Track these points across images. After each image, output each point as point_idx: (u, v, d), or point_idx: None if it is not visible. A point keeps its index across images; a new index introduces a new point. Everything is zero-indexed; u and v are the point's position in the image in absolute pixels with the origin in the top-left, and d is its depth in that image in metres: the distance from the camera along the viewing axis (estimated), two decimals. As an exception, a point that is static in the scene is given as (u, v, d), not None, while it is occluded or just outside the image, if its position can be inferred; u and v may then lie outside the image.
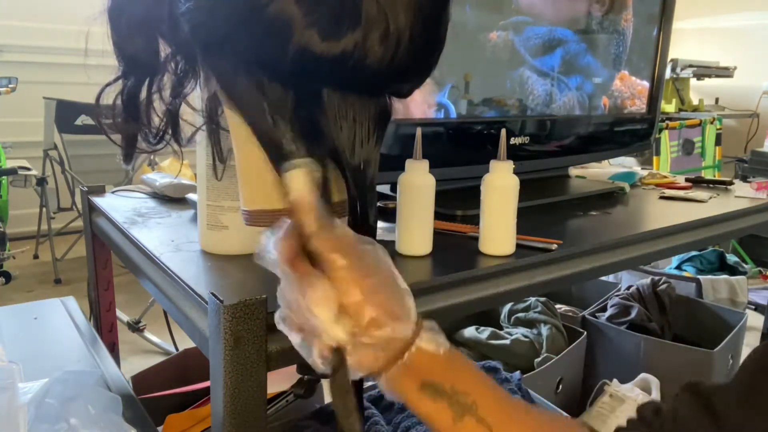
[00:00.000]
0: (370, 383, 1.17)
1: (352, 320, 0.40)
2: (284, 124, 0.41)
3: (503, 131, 0.68)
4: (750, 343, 1.83)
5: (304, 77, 0.40)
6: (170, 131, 0.46)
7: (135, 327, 2.37)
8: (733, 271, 2.27)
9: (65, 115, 3.01)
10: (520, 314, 1.52)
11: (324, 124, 0.42)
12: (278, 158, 0.41)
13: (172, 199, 0.98)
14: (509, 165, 0.69)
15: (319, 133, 0.43)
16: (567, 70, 1.10)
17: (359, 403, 0.55)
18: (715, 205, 1.09)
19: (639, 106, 1.30)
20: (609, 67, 1.20)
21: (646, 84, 1.30)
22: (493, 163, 0.69)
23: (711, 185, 1.29)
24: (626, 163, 1.65)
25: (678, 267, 2.33)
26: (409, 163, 0.68)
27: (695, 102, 3.94)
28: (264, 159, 0.42)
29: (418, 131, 0.67)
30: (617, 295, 1.67)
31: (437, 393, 0.42)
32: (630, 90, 1.27)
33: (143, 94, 0.45)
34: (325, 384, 1.11)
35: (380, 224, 0.82)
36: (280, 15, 0.37)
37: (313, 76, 0.40)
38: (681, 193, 1.17)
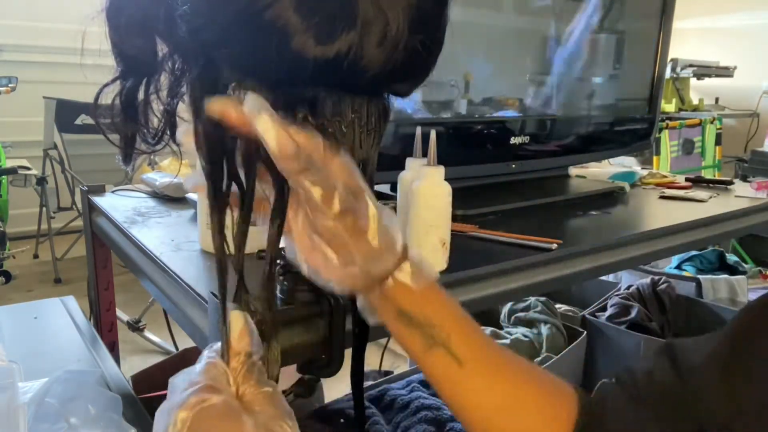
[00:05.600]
0: (369, 383, 1.16)
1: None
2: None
3: (432, 133, 0.62)
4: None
5: (301, 79, 0.40)
6: (168, 131, 0.46)
7: (135, 327, 2.37)
8: (733, 270, 2.26)
9: (65, 114, 3.01)
10: (520, 314, 1.52)
11: (322, 124, 0.42)
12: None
13: (172, 198, 0.98)
14: (440, 170, 0.62)
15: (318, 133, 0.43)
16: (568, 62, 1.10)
17: (359, 395, 0.55)
18: (715, 205, 1.09)
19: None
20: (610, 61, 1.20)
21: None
22: (422, 168, 0.62)
23: (711, 185, 1.29)
24: (626, 163, 1.65)
25: (678, 267, 2.33)
26: (410, 161, 0.68)
27: (695, 102, 3.94)
28: None
29: (418, 130, 0.67)
30: (617, 295, 1.66)
31: (411, 323, 0.45)
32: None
33: (141, 94, 0.45)
34: (326, 384, 1.11)
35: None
36: (276, 19, 0.37)
37: (310, 79, 0.40)
38: (681, 192, 1.17)
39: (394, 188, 0.70)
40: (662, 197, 1.15)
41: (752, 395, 0.41)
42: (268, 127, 0.38)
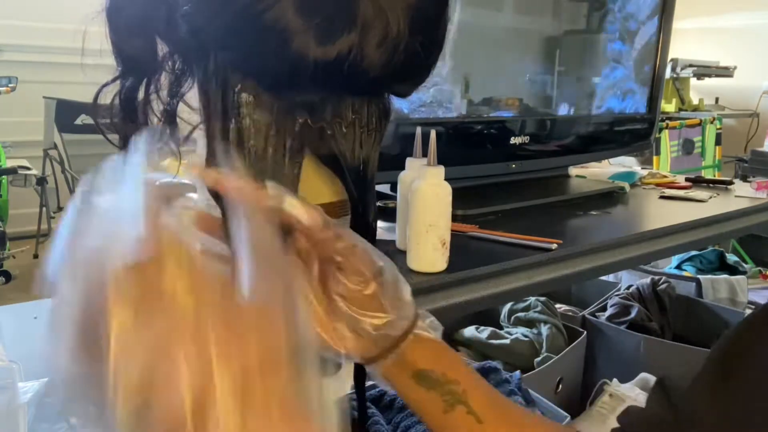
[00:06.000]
0: (369, 383, 1.16)
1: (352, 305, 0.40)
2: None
3: (433, 133, 0.62)
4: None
5: (301, 80, 0.40)
6: (168, 131, 0.46)
7: (135, 326, 2.37)
8: (733, 270, 2.26)
9: (65, 114, 3.01)
10: (520, 314, 1.52)
11: (322, 126, 0.42)
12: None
13: (172, 198, 0.97)
14: (440, 170, 0.63)
15: (318, 134, 0.43)
16: (569, 64, 1.10)
17: (362, 400, 0.55)
18: (715, 205, 1.09)
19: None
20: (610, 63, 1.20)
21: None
22: (422, 168, 0.63)
23: (711, 185, 1.29)
24: (626, 163, 1.65)
25: (678, 267, 2.33)
26: (410, 161, 0.68)
27: (695, 102, 3.94)
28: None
29: (418, 130, 0.67)
30: (617, 295, 1.67)
31: (430, 382, 0.43)
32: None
33: (141, 93, 0.44)
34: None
35: (380, 223, 0.82)
36: (276, 21, 0.37)
37: (311, 80, 0.40)
38: (681, 192, 1.17)
39: (394, 188, 0.70)
40: (662, 197, 1.15)
41: (741, 415, 0.40)
42: (296, 205, 0.38)
